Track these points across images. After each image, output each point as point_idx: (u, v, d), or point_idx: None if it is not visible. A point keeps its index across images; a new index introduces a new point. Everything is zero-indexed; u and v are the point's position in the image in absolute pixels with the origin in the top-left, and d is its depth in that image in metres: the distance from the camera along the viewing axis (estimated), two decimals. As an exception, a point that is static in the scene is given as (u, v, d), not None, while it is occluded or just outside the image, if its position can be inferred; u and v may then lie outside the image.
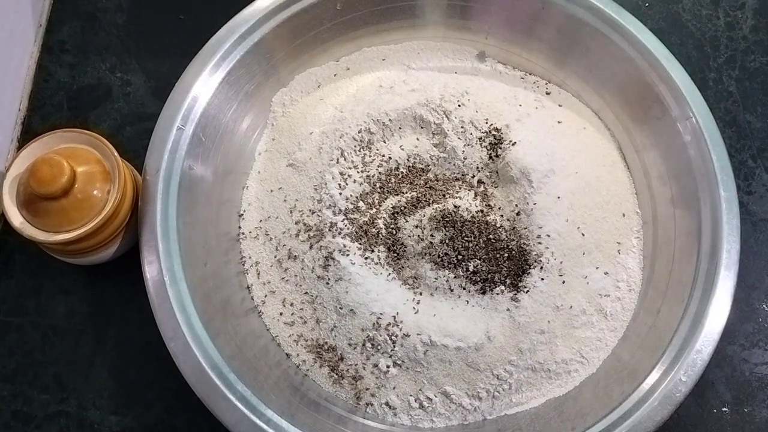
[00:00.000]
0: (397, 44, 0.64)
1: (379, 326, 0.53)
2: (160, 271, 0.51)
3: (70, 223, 0.51)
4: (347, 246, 0.55)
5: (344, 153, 0.57)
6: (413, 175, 0.58)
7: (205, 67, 0.56)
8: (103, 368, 0.56)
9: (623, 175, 0.60)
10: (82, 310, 0.58)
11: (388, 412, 0.53)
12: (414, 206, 0.57)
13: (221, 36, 0.57)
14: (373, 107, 0.58)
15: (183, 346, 0.49)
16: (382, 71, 0.63)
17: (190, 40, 0.58)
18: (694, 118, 0.54)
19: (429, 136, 0.59)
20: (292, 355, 0.55)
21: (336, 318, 0.54)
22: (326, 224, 0.55)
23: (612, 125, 0.61)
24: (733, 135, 0.63)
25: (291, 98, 0.62)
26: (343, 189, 0.56)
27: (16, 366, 0.57)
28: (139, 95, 0.64)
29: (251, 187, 0.60)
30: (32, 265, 0.59)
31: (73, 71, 0.65)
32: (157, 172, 0.53)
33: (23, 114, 0.64)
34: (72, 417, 0.55)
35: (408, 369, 0.52)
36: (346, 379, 0.54)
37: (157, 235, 0.52)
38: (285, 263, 0.57)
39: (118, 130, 0.63)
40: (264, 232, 0.58)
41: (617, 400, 0.49)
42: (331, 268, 0.54)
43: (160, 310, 0.50)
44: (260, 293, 0.57)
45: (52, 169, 0.49)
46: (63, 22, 0.67)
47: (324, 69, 0.63)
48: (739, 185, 0.55)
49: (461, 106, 0.58)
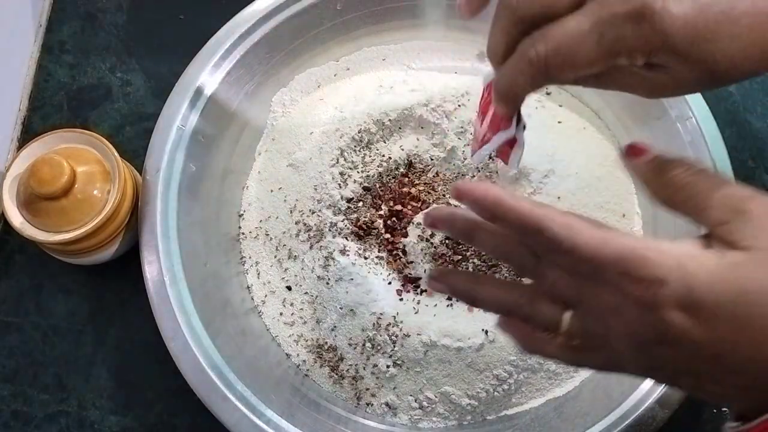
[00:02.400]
0: (397, 44, 0.64)
1: (379, 326, 0.53)
2: (160, 271, 0.51)
3: (70, 223, 0.51)
4: (347, 246, 0.55)
5: (344, 153, 0.57)
6: (413, 175, 0.58)
7: (205, 67, 0.56)
8: (103, 368, 0.56)
9: (623, 175, 0.60)
10: (82, 310, 0.58)
11: (388, 412, 0.53)
12: (414, 207, 0.57)
13: (221, 36, 0.57)
14: (373, 107, 0.58)
15: (183, 346, 0.49)
16: (382, 71, 0.63)
17: (190, 40, 0.58)
18: (694, 118, 0.54)
19: (429, 136, 0.59)
20: (292, 355, 0.55)
21: (336, 318, 0.54)
22: (326, 224, 0.55)
23: (612, 125, 0.61)
24: (733, 135, 0.63)
25: (291, 98, 0.62)
26: (343, 189, 0.56)
27: (16, 366, 0.57)
28: (139, 95, 0.64)
29: (251, 187, 0.60)
30: (32, 265, 0.59)
31: (73, 71, 0.65)
32: (157, 172, 0.53)
33: (23, 114, 0.64)
34: (72, 417, 0.55)
35: (408, 369, 0.52)
36: (346, 379, 0.54)
37: (157, 235, 0.52)
38: (285, 263, 0.57)
39: (118, 130, 0.63)
40: (264, 232, 0.58)
41: (617, 400, 0.49)
42: (331, 268, 0.54)
43: (160, 310, 0.50)
44: (260, 293, 0.57)
45: (52, 169, 0.49)
46: (63, 22, 0.67)
47: (324, 69, 0.63)
48: (739, 185, 0.55)
49: (461, 106, 0.58)
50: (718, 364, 0.28)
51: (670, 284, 0.28)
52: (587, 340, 0.32)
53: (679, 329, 0.28)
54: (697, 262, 0.28)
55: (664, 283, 0.28)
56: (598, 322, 0.30)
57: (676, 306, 0.28)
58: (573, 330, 0.32)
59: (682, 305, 0.28)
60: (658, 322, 0.28)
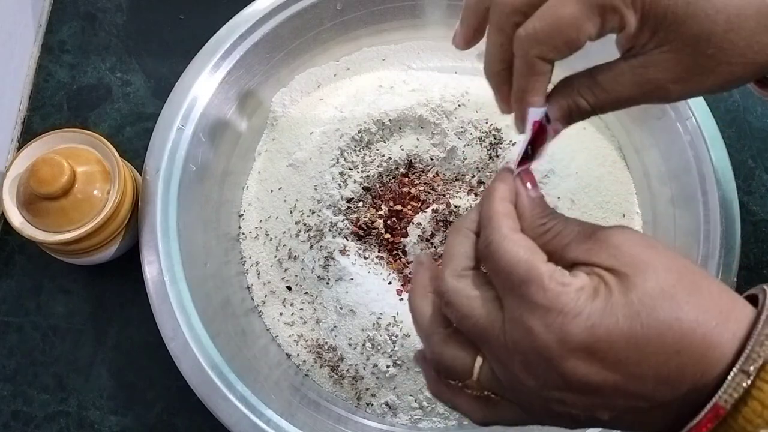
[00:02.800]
0: (397, 44, 0.64)
1: (379, 326, 0.53)
2: (160, 271, 0.51)
3: (70, 223, 0.51)
4: (347, 246, 0.55)
5: (344, 153, 0.57)
6: (413, 175, 0.58)
7: (205, 67, 0.56)
8: (103, 368, 0.56)
9: (623, 175, 0.60)
10: (82, 310, 0.58)
11: (388, 412, 0.53)
12: (414, 206, 0.57)
13: (221, 36, 0.57)
14: (373, 107, 0.58)
15: (183, 346, 0.49)
16: (382, 71, 0.63)
17: (190, 40, 0.58)
18: (694, 118, 0.54)
19: (429, 136, 0.59)
20: (292, 355, 0.55)
21: (336, 318, 0.54)
22: (326, 224, 0.55)
23: (612, 125, 0.61)
24: (733, 135, 0.63)
25: (291, 98, 0.62)
26: (343, 189, 0.56)
27: (16, 366, 0.57)
28: (139, 95, 0.64)
29: (251, 187, 0.60)
30: (32, 265, 0.59)
31: (73, 71, 0.65)
32: (157, 172, 0.53)
33: (23, 114, 0.64)
34: (72, 417, 0.55)
35: (408, 369, 0.52)
36: (346, 379, 0.54)
37: (157, 235, 0.52)
38: (285, 263, 0.57)
39: (118, 130, 0.63)
40: (264, 232, 0.58)
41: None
42: (331, 268, 0.54)
43: (160, 310, 0.50)
44: (260, 293, 0.57)
45: (52, 169, 0.49)
46: (63, 22, 0.67)
47: (324, 69, 0.63)
48: (739, 185, 0.55)
49: (461, 106, 0.58)
50: (627, 397, 0.28)
51: (572, 328, 0.27)
52: (497, 390, 0.31)
53: (584, 376, 0.27)
54: (593, 305, 0.28)
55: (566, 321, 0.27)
56: (506, 367, 0.29)
57: (579, 354, 0.27)
58: (483, 377, 0.30)
59: (585, 353, 0.27)
60: (561, 371, 0.28)
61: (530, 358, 0.28)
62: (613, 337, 0.27)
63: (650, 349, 0.27)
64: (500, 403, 0.31)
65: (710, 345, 0.27)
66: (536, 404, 0.30)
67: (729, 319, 0.27)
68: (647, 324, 0.27)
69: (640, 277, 0.28)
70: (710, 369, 0.27)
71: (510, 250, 0.29)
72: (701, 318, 0.27)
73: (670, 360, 0.27)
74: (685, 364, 0.27)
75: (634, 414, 0.29)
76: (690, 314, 0.27)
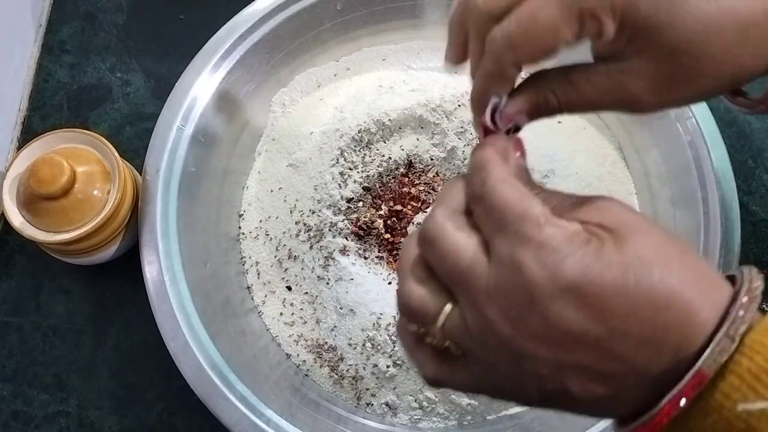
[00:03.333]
0: (397, 44, 0.64)
1: (379, 326, 0.53)
2: (160, 271, 0.51)
3: (70, 223, 0.51)
4: (347, 246, 0.55)
5: (344, 153, 0.57)
6: (413, 175, 0.58)
7: (205, 67, 0.56)
8: (103, 368, 0.56)
9: (623, 175, 0.60)
10: (82, 310, 0.58)
11: (388, 412, 0.53)
12: (414, 206, 0.57)
13: (221, 36, 0.57)
14: (373, 107, 0.58)
15: (183, 346, 0.49)
16: (382, 71, 0.63)
17: (190, 40, 0.58)
18: (694, 118, 0.54)
19: (429, 136, 0.59)
20: (292, 355, 0.55)
21: (336, 318, 0.54)
22: (326, 224, 0.55)
23: (612, 125, 0.61)
24: (733, 135, 0.63)
25: (291, 98, 0.62)
26: (343, 189, 0.56)
27: (16, 366, 0.57)
28: (139, 95, 0.64)
29: (251, 187, 0.60)
30: (32, 265, 0.59)
31: (73, 71, 0.65)
32: (157, 172, 0.53)
33: (23, 114, 0.64)
34: (72, 417, 0.55)
35: (408, 369, 0.52)
36: (346, 379, 0.54)
37: (157, 235, 0.52)
38: (285, 263, 0.57)
39: (118, 130, 0.63)
40: (264, 232, 0.58)
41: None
42: (331, 268, 0.54)
43: (160, 310, 0.50)
44: (260, 293, 0.57)
45: (52, 169, 0.49)
46: (63, 22, 0.67)
47: (324, 69, 0.63)
48: (739, 185, 0.55)
49: (461, 106, 0.58)
50: (605, 357, 0.27)
51: (565, 266, 0.26)
52: (461, 342, 0.29)
53: (567, 322, 0.26)
54: (585, 251, 0.27)
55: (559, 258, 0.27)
56: (481, 313, 0.28)
57: (567, 295, 0.26)
58: (448, 325, 0.29)
59: (575, 294, 0.26)
60: (545, 313, 0.26)
61: (512, 300, 0.27)
62: (605, 283, 0.26)
63: (640, 301, 0.26)
64: (458, 362, 0.30)
65: (696, 308, 0.27)
66: (502, 361, 0.28)
67: (712, 288, 0.27)
68: (639, 277, 0.26)
69: (632, 236, 0.27)
70: (692, 335, 0.27)
71: (506, 189, 0.29)
72: (690, 280, 0.27)
73: (658, 316, 0.26)
74: (672, 324, 0.26)
75: (606, 386, 0.28)
76: (682, 274, 0.27)
